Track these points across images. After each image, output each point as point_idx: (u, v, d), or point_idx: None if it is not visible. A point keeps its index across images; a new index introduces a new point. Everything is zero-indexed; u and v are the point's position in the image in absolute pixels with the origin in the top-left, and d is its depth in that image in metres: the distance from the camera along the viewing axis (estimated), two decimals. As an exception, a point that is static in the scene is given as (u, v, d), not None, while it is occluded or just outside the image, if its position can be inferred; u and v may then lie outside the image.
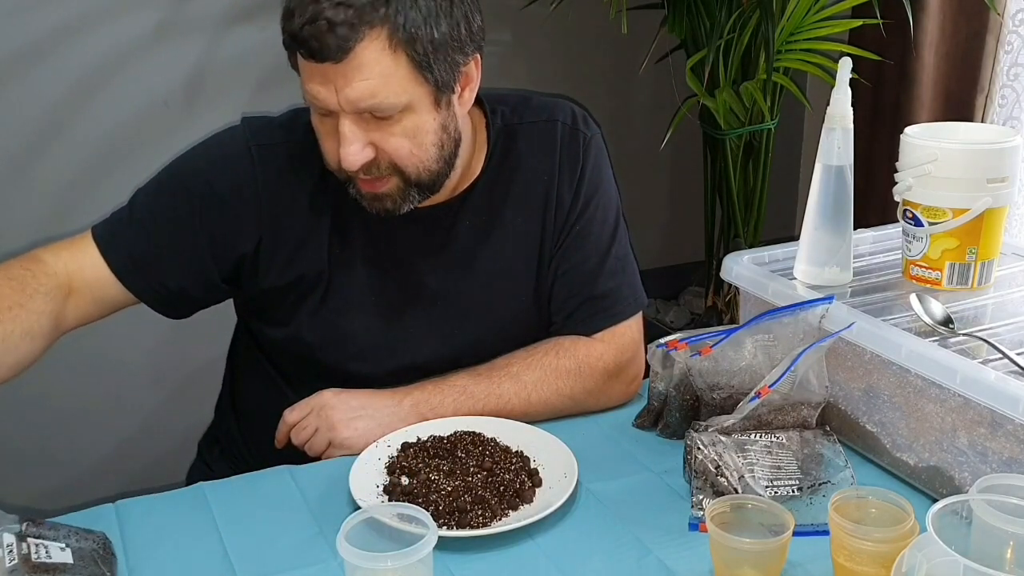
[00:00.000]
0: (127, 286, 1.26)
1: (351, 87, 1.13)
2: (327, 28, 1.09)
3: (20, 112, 2.14)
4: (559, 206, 1.33)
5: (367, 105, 1.14)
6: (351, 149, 1.16)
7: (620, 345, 1.34)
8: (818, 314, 1.21)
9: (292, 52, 1.16)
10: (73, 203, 2.22)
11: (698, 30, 2.19)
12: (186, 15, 2.21)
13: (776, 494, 1.10)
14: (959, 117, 2.14)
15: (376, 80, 1.13)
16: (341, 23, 1.09)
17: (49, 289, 1.20)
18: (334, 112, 1.16)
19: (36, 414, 2.27)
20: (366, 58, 1.12)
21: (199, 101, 2.27)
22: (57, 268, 1.23)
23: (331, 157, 1.20)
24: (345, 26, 1.10)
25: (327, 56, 1.11)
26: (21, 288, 1.18)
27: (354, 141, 1.16)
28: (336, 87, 1.13)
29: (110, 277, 1.26)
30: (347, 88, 1.13)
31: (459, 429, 1.23)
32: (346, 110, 1.15)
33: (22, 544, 0.94)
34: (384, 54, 1.13)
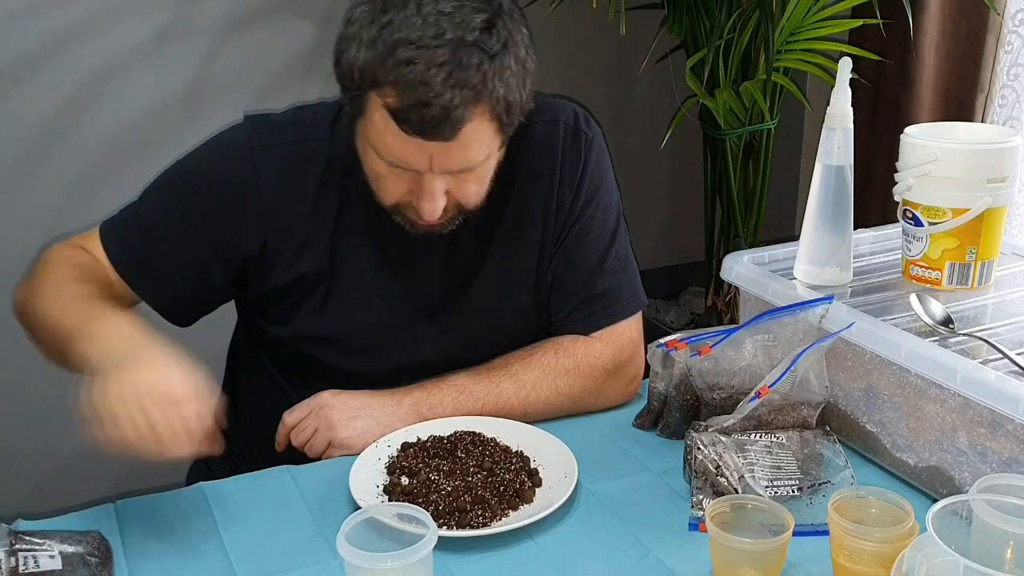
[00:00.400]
0: (134, 289, 1.27)
1: (449, 157, 1.13)
2: (442, 115, 1.08)
3: (23, 116, 2.14)
4: (560, 205, 1.33)
5: (459, 169, 1.16)
6: (437, 205, 1.17)
7: (619, 344, 1.34)
8: (818, 314, 1.21)
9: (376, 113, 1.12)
10: (75, 207, 2.22)
11: (698, 30, 2.19)
12: (188, 20, 2.21)
13: (776, 494, 1.10)
14: (959, 117, 2.14)
15: (472, 149, 1.14)
16: (456, 107, 1.08)
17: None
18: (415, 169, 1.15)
19: (36, 413, 2.26)
20: (470, 133, 1.12)
21: (201, 105, 2.27)
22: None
23: (390, 198, 1.20)
24: (459, 109, 1.08)
25: (437, 137, 1.10)
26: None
27: (439, 198, 1.17)
28: (432, 154, 1.13)
29: (119, 279, 1.27)
30: (444, 157, 1.13)
31: (459, 429, 1.23)
32: (435, 172, 1.15)
33: (11, 558, 0.94)
34: (483, 126, 1.13)
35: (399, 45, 1.07)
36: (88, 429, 1.06)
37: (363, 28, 1.10)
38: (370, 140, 1.16)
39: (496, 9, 1.12)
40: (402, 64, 1.07)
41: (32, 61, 2.11)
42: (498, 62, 1.10)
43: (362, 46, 1.10)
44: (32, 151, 2.16)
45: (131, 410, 1.01)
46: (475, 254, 1.32)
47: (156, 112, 2.24)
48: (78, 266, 1.25)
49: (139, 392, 1.01)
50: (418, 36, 1.07)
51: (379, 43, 1.09)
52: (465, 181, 1.18)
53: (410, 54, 1.07)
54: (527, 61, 1.15)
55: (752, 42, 2.15)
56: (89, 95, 2.17)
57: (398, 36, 1.08)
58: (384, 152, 1.15)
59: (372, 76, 1.10)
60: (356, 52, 1.11)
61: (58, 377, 2.33)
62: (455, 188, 1.18)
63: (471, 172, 1.18)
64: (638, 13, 2.20)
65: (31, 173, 2.17)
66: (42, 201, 2.19)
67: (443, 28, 1.07)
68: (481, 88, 1.09)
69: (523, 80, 1.15)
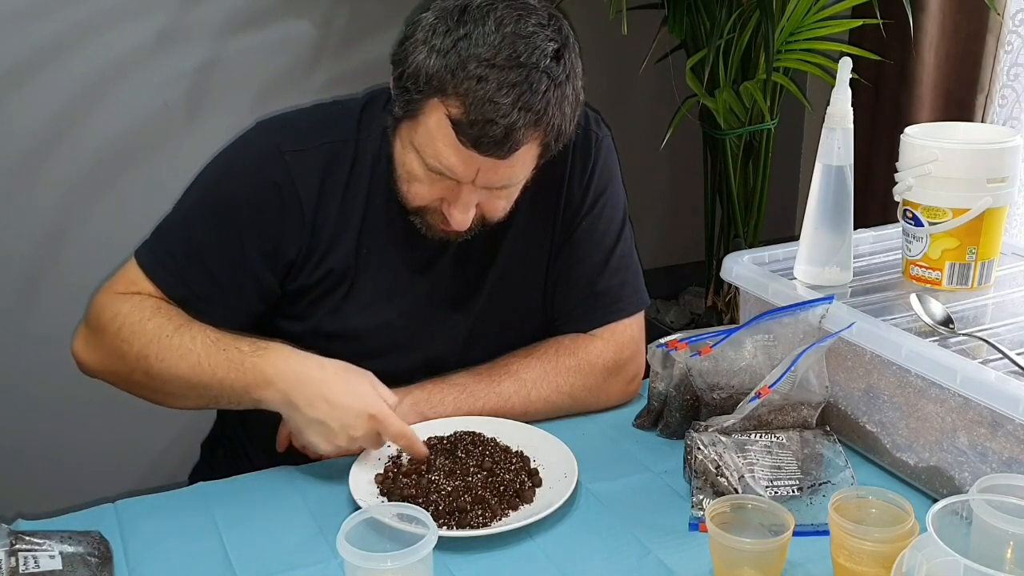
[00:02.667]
0: (201, 319, 1.24)
1: (495, 173, 1.16)
2: (504, 134, 1.11)
3: (24, 117, 2.14)
4: (568, 203, 1.34)
5: (500, 186, 1.19)
6: (469, 216, 1.20)
7: (620, 342, 1.34)
8: (818, 314, 1.21)
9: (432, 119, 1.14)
10: (76, 208, 2.22)
11: (698, 30, 2.19)
12: (189, 21, 2.21)
13: (776, 494, 1.10)
14: (959, 117, 2.14)
15: (517, 168, 1.18)
16: (518, 129, 1.11)
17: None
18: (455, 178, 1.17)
19: (36, 414, 2.27)
20: (520, 154, 1.15)
21: (202, 107, 2.27)
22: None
23: (418, 201, 1.22)
24: (521, 131, 1.11)
25: (492, 154, 1.13)
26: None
27: (472, 209, 1.20)
28: (479, 168, 1.15)
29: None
30: (490, 173, 1.16)
31: (459, 429, 1.24)
32: (476, 185, 1.17)
33: (11, 558, 0.95)
34: (533, 149, 1.17)
35: (473, 60, 1.10)
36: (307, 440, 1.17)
37: (436, 36, 1.12)
38: (416, 143, 1.17)
39: (565, 40, 1.15)
40: (473, 79, 1.09)
41: (33, 63, 2.11)
42: (560, 91, 1.13)
43: (433, 52, 1.12)
44: (33, 152, 2.16)
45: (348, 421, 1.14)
46: (488, 253, 1.33)
47: (157, 113, 2.24)
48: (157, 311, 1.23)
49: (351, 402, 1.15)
50: (493, 55, 1.10)
51: (453, 54, 1.11)
52: (498, 197, 1.21)
53: (483, 71, 1.09)
54: (580, 94, 1.18)
55: (752, 42, 2.15)
56: (90, 96, 2.17)
57: (474, 51, 1.10)
58: (430, 157, 1.16)
59: (440, 83, 1.11)
60: (426, 58, 1.12)
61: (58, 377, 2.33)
62: (486, 201, 1.21)
63: (506, 189, 1.20)
64: (638, 13, 2.20)
65: (32, 174, 2.17)
66: (43, 202, 2.19)
67: (519, 51, 1.10)
68: (543, 114, 1.12)
69: (575, 111, 1.18)
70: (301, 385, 1.15)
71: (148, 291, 1.26)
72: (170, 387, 1.22)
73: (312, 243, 1.27)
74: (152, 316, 1.22)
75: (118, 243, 2.20)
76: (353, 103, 1.32)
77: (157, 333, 1.21)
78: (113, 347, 1.23)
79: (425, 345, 1.33)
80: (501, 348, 1.34)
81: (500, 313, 1.35)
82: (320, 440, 1.15)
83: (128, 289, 1.26)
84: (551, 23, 1.14)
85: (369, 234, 1.28)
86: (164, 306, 1.24)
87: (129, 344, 1.21)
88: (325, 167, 1.26)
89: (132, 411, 2.20)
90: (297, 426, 1.16)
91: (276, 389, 1.16)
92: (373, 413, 1.14)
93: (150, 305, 1.24)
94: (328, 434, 1.14)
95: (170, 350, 1.19)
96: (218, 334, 1.21)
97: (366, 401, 1.15)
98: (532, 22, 1.12)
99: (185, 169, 1.34)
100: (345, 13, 2.33)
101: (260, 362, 1.17)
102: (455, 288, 1.33)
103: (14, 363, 2.24)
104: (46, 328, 2.24)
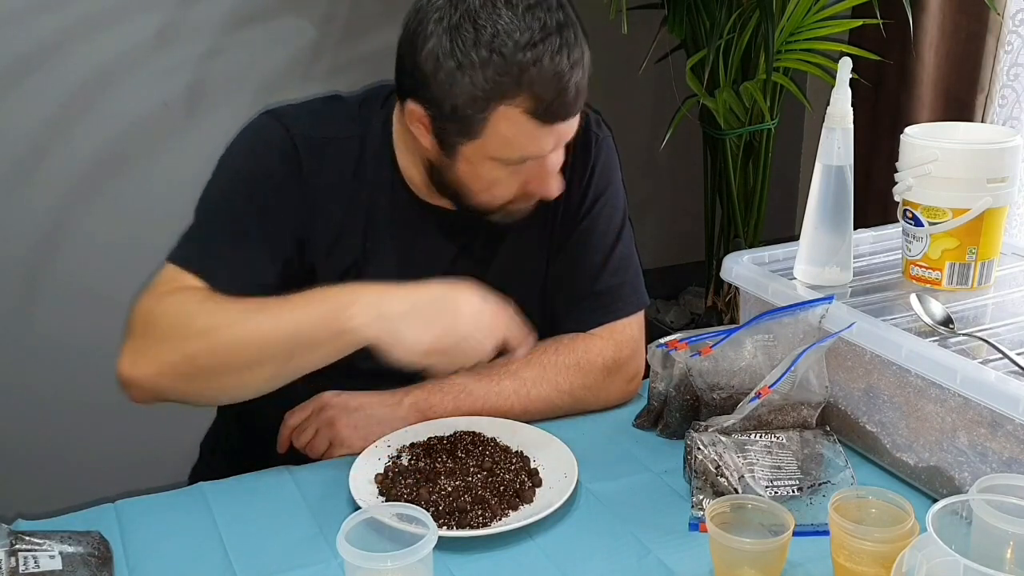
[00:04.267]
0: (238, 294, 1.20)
1: (569, 128, 1.20)
2: (575, 94, 1.15)
3: (23, 116, 2.14)
4: (568, 203, 1.34)
5: (571, 138, 1.22)
6: (558, 178, 1.25)
7: (619, 341, 1.34)
8: (818, 314, 1.21)
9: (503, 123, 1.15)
10: (76, 207, 2.22)
11: (698, 30, 2.19)
12: (188, 20, 2.21)
13: (776, 494, 1.10)
14: (959, 117, 2.14)
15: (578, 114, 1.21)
16: (580, 79, 1.15)
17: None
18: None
19: (36, 414, 2.27)
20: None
21: (201, 106, 2.27)
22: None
23: (507, 195, 1.24)
24: (583, 79, 1.16)
25: (572, 116, 1.18)
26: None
27: (557, 170, 1.24)
28: (559, 135, 1.19)
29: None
30: (566, 130, 1.20)
31: (459, 429, 1.24)
32: (557, 149, 1.21)
33: (11, 558, 0.95)
34: None
35: (518, 50, 1.11)
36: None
37: (465, 54, 1.12)
38: (490, 153, 1.18)
39: None
40: (530, 65, 1.11)
41: (32, 62, 2.11)
42: (577, 28, 1.17)
43: (475, 69, 1.12)
44: (33, 152, 2.16)
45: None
46: (487, 251, 1.33)
47: (156, 112, 2.24)
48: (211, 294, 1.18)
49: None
50: (528, 36, 1.12)
51: (496, 58, 1.11)
52: (558, 155, 1.24)
53: (532, 55, 1.11)
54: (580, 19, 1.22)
55: (752, 42, 2.15)
56: (89, 95, 2.17)
57: (511, 41, 1.11)
58: (514, 153, 1.18)
59: (500, 91, 1.12)
60: (471, 80, 1.12)
61: (58, 377, 2.33)
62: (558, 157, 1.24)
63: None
64: (638, 13, 2.20)
65: (32, 173, 2.17)
66: (43, 201, 2.19)
67: (541, 19, 1.13)
68: (583, 55, 1.16)
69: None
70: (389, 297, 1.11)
71: (192, 285, 1.20)
72: (242, 356, 1.13)
73: (318, 229, 1.26)
74: (208, 297, 1.17)
75: (118, 242, 2.22)
76: (353, 100, 1.33)
77: (219, 307, 1.15)
78: (168, 340, 1.15)
79: None
80: None
81: None
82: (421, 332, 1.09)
83: (170, 288, 1.19)
84: None
85: (373, 230, 1.29)
86: (212, 293, 1.18)
87: (189, 327, 1.14)
88: (331, 159, 1.26)
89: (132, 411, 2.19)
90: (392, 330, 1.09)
91: (366, 302, 1.10)
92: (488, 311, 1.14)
93: (201, 291, 1.18)
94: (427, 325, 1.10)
95: (239, 315, 1.13)
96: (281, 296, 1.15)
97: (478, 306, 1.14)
98: None
99: (184, 167, 1.35)
100: (344, 11, 2.33)
101: (340, 290, 1.13)
102: None
103: (14, 363, 2.24)
104: (46, 328, 2.24)
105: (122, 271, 1.80)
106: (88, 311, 2.23)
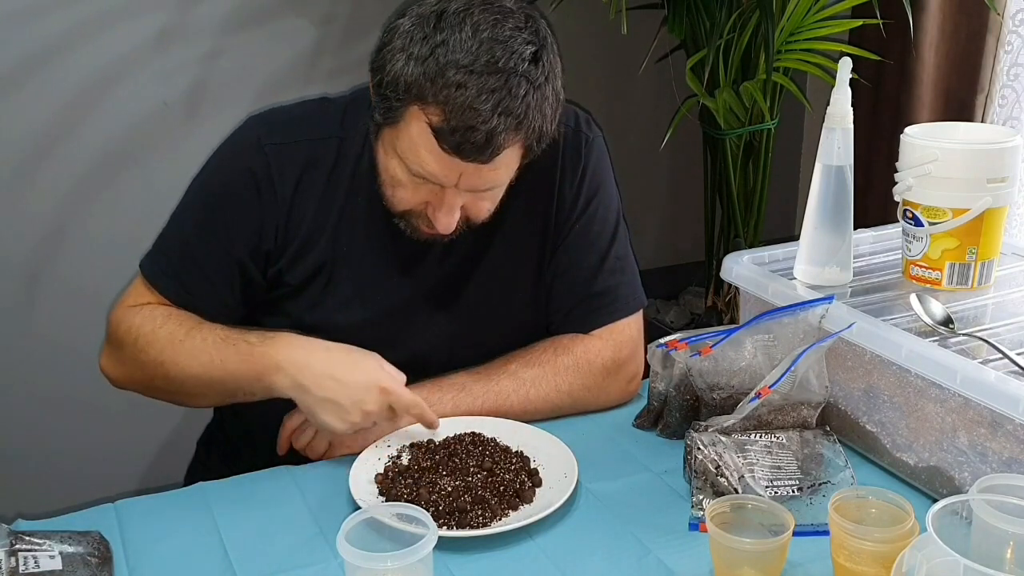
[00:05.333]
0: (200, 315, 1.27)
1: (478, 177, 1.17)
2: (485, 140, 1.11)
3: (24, 116, 2.14)
4: (560, 206, 1.34)
5: (483, 189, 1.19)
6: (454, 218, 1.20)
7: (618, 342, 1.34)
8: (818, 314, 1.21)
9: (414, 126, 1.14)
10: (76, 207, 2.22)
11: (698, 30, 2.19)
12: (189, 20, 2.21)
13: (776, 494, 1.10)
14: (959, 117, 2.14)
15: (501, 171, 1.18)
16: (499, 134, 1.11)
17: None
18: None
19: (36, 414, 2.27)
20: (503, 158, 1.15)
21: (202, 106, 2.27)
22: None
23: (403, 205, 1.22)
24: (502, 136, 1.12)
25: (474, 159, 1.13)
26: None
27: (457, 212, 1.20)
28: (462, 173, 1.15)
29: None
30: (473, 177, 1.16)
31: (459, 429, 1.24)
32: (459, 189, 1.18)
33: (11, 558, 0.95)
34: (515, 152, 1.18)
35: (451, 66, 1.10)
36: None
37: (414, 43, 1.12)
38: (398, 149, 1.18)
39: (542, 41, 1.15)
40: (452, 86, 1.10)
41: (33, 62, 2.11)
42: (540, 94, 1.14)
43: (411, 60, 1.12)
44: (33, 152, 2.16)
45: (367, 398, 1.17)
46: (473, 252, 1.33)
47: (156, 113, 2.24)
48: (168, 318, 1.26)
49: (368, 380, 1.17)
50: (471, 61, 1.10)
51: (431, 61, 1.11)
52: (482, 199, 1.22)
53: (462, 78, 1.09)
54: (560, 93, 1.19)
55: (752, 42, 2.15)
56: (89, 96, 2.17)
57: (452, 57, 1.10)
58: (413, 164, 1.16)
59: (419, 91, 1.12)
60: (404, 65, 1.12)
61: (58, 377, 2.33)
62: (470, 204, 1.21)
63: (490, 191, 1.21)
64: (638, 13, 2.20)
65: (32, 174, 2.17)
66: (43, 201, 2.19)
67: (496, 56, 1.10)
68: (524, 118, 1.12)
69: (556, 111, 1.18)
70: (309, 367, 1.17)
71: (156, 300, 1.29)
72: (188, 388, 1.25)
73: (288, 236, 1.28)
74: (164, 324, 1.25)
75: (118, 243, 2.21)
76: (340, 100, 1.33)
77: (170, 339, 1.23)
78: (133, 358, 1.27)
79: (407, 343, 1.33)
80: (487, 349, 1.33)
81: (486, 314, 1.35)
82: (334, 420, 1.16)
83: (138, 301, 1.29)
84: (528, 25, 1.14)
85: (349, 230, 1.29)
86: (175, 312, 1.27)
87: (146, 353, 1.24)
88: (305, 161, 1.27)
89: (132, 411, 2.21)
90: (309, 409, 1.17)
91: (285, 374, 1.17)
92: (383, 386, 1.16)
93: (160, 314, 1.26)
94: (340, 412, 1.16)
95: (183, 353, 1.22)
96: (227, 331, 1.23)
97: (374, 375, 1.17)
98: (509, 26, 1.12)
99: (185, 168, 1.35)
100: (345, 11, 2.33)
101: (268, 350, 1.19)
102: (439, 287, 1.33)
103: (14, 363, 2.24)
104: (46, 328, 2.24)
105: (122, 271, 1.79)
106: (88, 311, 2.22)
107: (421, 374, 1.30)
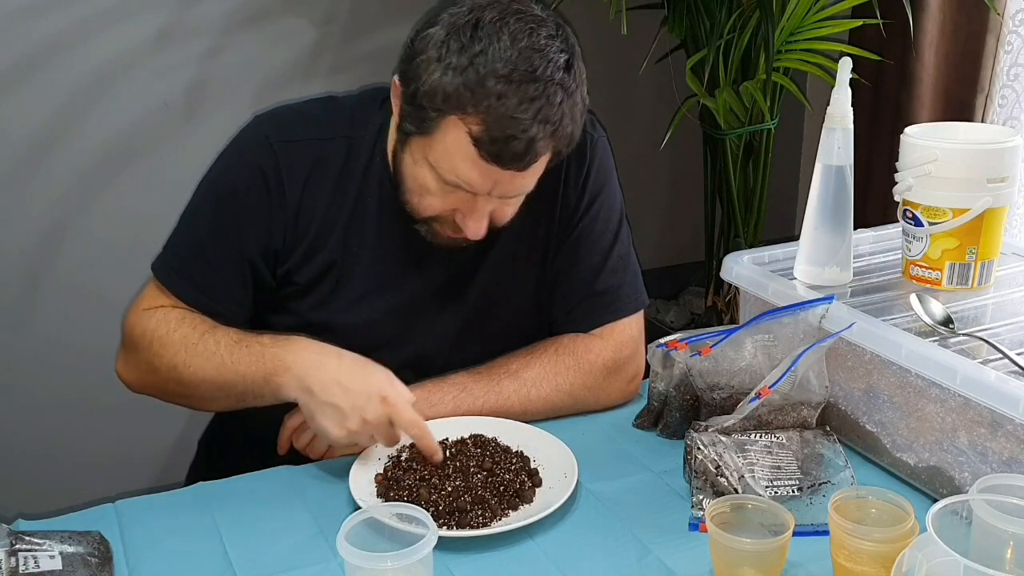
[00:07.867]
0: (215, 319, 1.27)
1: (512, 184, 1.17)
2: (525, 148, 1.12)
3: (23, 116, 2.14)
4: (564, 204, 1.34)
5: (515, 195, 1.20)
6: (484, 224, 1.21)
7: (619, 341, 1.35)
8: (818, 314, 1.21)
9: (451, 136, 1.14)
10: (76, 207, 2.22)
11: (698, 30, 2.19)
12: (189, 20, 2.21)
13: (776, 494, 1.10)
14: (959, 117, 2.13)
15: (532, 178, 1.19)
16: (538, 141, 1.12)
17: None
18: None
19: (36, 414, 2.27)
20: (537, 165, 1.16)
21: (202, 106, 2.27)
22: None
23: (430, 212, 1.22)
24: (541, 143, 1.13)
25: (513, 167, 1.14)
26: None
27: (486, 218, 1.21)
28: (497, 180, 1.16)
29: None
30: (508, 184, 1.17)
31: (459, 429, 1.23)
32: (492, 196, 1.18)
33: (11, 558, 0.95)
34: (547, 157, 1.18)
35: (491, 76, 1.10)
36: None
37: (451, 53, 1.12)
38: (430, 158, 1.17)
39: (572, 49, 1.16)
40: (493, 96, 1.10)
41: (32, 62, 2.11)
42: (572, 100, 1.15)
43: (449, 70, 1.12)
44: (33, 151, 2.16)
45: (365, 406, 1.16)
46: (479, 252, 1.33)
47: (157, 112, 2.24)
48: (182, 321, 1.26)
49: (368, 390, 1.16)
50: (510, 71, 1.10)
51: (470, 71, 1.11)
52: (509, 204, 1.23)
53: (503, 88, 1.10)
54: (586, 98, 1.19)
55: (752, 42, 2.15)
56: (90, 95, 2.17)
57: (491, 67, 1.10)
58: (447, 172, 1.16)
59: (458, 101, 1.12)
60: (442, 75, 1.12)
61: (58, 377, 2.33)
62: (497, 209, 1.22)
63: (517, 197, 1.22)
64: (638, 13, 2.20)
65: (32, 173, 2.17)
66: (44, 201, 2.19)
67: (535, 65, 1.11)
68: (559, 125, 1.14)
69: (583, 117, 1.19)
70: (317, 370, 1.17)
71: (170, 303, 1.29)
72: (201, 391, 1.24)
73: (297, 235, 1.28)
74: (177, 327, 1.25)
75: (118, 242, 2.22)
76: (348, 100, 1.33)
77: (184, 342, 1.23)
78: (147, 362, 1.27)
79: (413, 342, 1.33)
80: (491, 348, 1.34)
81: (490, 313, 1.35)
82: (332, 425, 1.15)
83: (152, 304, 1.29)
84: (559, 34, 1.15)
85: (359, 230, 1.29)
86: (188, 315, 1.27)
87: (160, 357, 1.25)
88: (314, 160, 1.27)
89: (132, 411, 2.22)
90: (311, 412, 1.17)
91: (293, 375, 1.17)
92: (385, 396, 1.15)
93: (175, 317, 1.26)
94: (340, 417, 1.15)
95: (197, 356, 1.22)
96: (240, 334, 1.23)
97: (379, 385, 1.16)
98: (543, 34, 1.13)
99: (185, 168, 1.35)
100: (344, 11, 2.33)
101: (280, 351, 1.19)
102: (445, 287, 1.33)
103: (14, 363, 2.24)
104: (46, 328, 2.24)
105: (122, 271, 1.80)
106: (88, 311, 2.22)
107: (424, 372, 1.30)
